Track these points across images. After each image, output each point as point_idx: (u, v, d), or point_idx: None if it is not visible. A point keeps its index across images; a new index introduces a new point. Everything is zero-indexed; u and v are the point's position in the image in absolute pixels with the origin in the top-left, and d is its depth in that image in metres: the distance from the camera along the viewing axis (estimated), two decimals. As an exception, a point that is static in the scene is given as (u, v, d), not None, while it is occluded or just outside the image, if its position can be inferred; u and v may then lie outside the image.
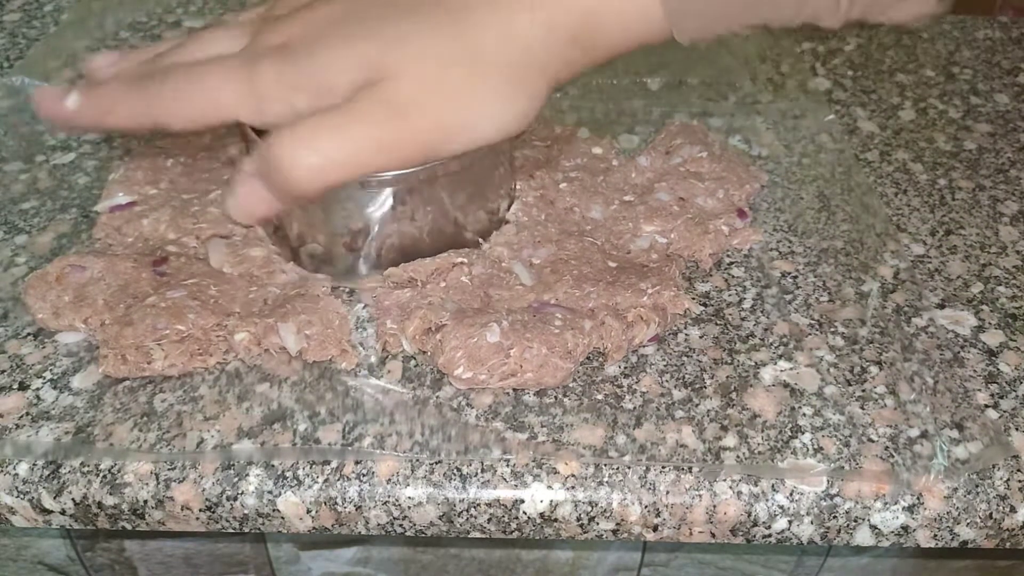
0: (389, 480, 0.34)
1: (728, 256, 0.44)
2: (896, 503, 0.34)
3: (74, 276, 0.40)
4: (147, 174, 0.46)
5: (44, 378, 0.37)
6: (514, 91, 0.34)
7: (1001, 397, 0.38)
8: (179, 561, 0.47)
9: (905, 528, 0.34)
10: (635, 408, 0.37)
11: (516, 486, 0.34)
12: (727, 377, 0.38)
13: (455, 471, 0.34)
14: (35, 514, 0.35)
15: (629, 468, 0.34)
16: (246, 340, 0.38)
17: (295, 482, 0.34)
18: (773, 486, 0.34)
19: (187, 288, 0.39)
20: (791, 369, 0.38)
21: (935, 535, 0.34)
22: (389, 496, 0.34)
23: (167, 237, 0.43)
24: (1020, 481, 0.34)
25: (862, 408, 0.37)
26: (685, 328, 0.40)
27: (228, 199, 0.35)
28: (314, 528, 0.35)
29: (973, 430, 0.36)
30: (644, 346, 0.39)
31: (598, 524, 0.34)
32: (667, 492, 0.34)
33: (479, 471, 0.34)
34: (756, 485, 0.34)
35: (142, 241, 0.43)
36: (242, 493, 0.34)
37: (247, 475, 0.34)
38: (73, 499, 0.34)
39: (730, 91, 0.57)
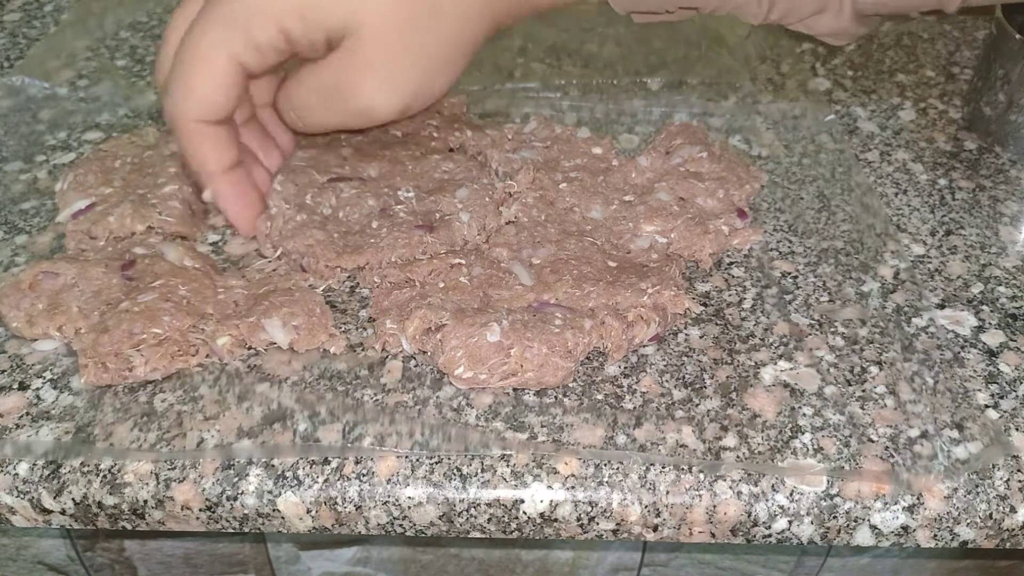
0: (389, 480, 0.34)
1: (728, 256, 0.44)
2: (896, 503, 0.34)
3: (47, 283, 0.39)
4: (98, 176, 0.46)
5: (44, 378, 0.37)
6: (466, 43, 0.38)
7: (1001, 397, 0.38)
8: (179, 561, 0.47)
9: (905, 528, 0.34)
10: (635, 408, 0.37)
11: (516, 486, 0.34)
12: (727, 377, 0.38)
13: (455, 471, 0.34)
14: (35, 514, 0.35)
15: (629, 468, 0.34)
16: (228, 344, 0.38)
17: (295, 482, 0.34)
18: (773, 486, 0.34)
19: (157, 291, 0.39)
20: (791, 369, 0.38)
21: (935, 535, 0.34)
22: (389, 496, 0.34)
23: (136, 229, 0.43)
24: (1020, 481, 0.34)
25: (862, 408, 0.37)
26: (685, 328, 0.40)
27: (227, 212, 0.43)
28: (314, 528, 0.35)
29: (973, 430, 0.36)
30: (644, 346, 0.39)
31: (598, 524, 0.34)
32: (667, 492, 0.34)
33: (479, 471, 0.34)
34: (756, 485, 0.34)
35: (112, 242, 0.43)
36: (242, 493, 0.34)
37: (247, 475, 0.34)
38: (73, 499, 0.34)
39: (730, 91, 0.57)
